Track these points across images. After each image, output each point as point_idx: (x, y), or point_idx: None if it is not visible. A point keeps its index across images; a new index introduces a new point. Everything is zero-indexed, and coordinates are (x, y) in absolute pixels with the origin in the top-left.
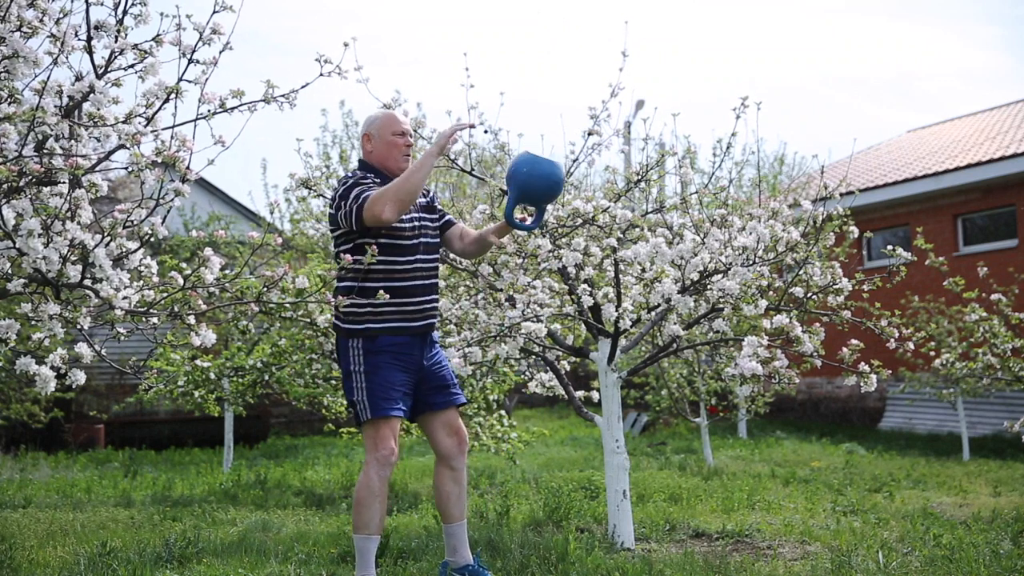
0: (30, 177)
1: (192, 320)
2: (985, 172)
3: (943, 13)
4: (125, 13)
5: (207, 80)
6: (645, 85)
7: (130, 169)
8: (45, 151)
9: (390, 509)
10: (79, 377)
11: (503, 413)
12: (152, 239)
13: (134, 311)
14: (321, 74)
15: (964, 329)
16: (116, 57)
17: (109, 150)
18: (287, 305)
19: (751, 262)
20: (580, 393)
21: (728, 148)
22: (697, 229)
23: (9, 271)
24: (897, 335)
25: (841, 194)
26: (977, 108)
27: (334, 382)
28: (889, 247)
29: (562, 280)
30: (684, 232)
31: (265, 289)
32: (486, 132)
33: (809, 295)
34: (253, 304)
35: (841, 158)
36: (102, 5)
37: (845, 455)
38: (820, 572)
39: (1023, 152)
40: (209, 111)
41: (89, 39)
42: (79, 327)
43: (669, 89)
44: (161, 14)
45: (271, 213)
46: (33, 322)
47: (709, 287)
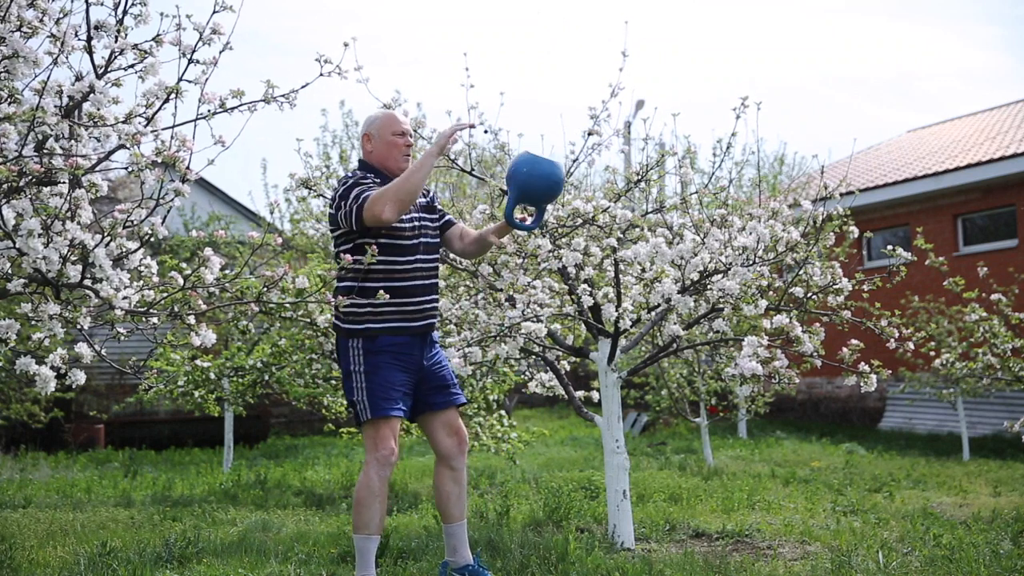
0: (30, 177)
1: (192, 320)
2: (985, 172)
3: (943, 13)
4: (125, 13)
5: (207, 80)
6: (645, 85)
7: (130, 169)
8: (45, 151)
9: (390, 509)
10: (79, 377)
11: (503, 413)
12: (152, 239)
13: (134, 311)
14: (321, 74)
15: (964, 329)
16: (116, 57)
17: (109, 150)
18: (287, 305)
19: (751, 262)
20: (580, 393)
21: (728, 148)
22: (697, 229)
23: (9, 271)
24: (897, 335)
25: (841, 194)
26: (977, 108)
27: (334, 382)
28: (889, 247)
29: (562, 280)
30: (684, 232)
31: (265, 289)
32: (486, 132)
33: (809, 295)
34: (253, 304)
35: (841, 158)
36: (102, 5)
37: (845, 455)
38: (820, 572)
39: (1023, 152)
40: (209, 111)
41: (89, 39)
42: (79, 327)
43: (669, 89)
44: (161, 14)
45: (271, 213)
46: (33, 322)
47: (709, 287)
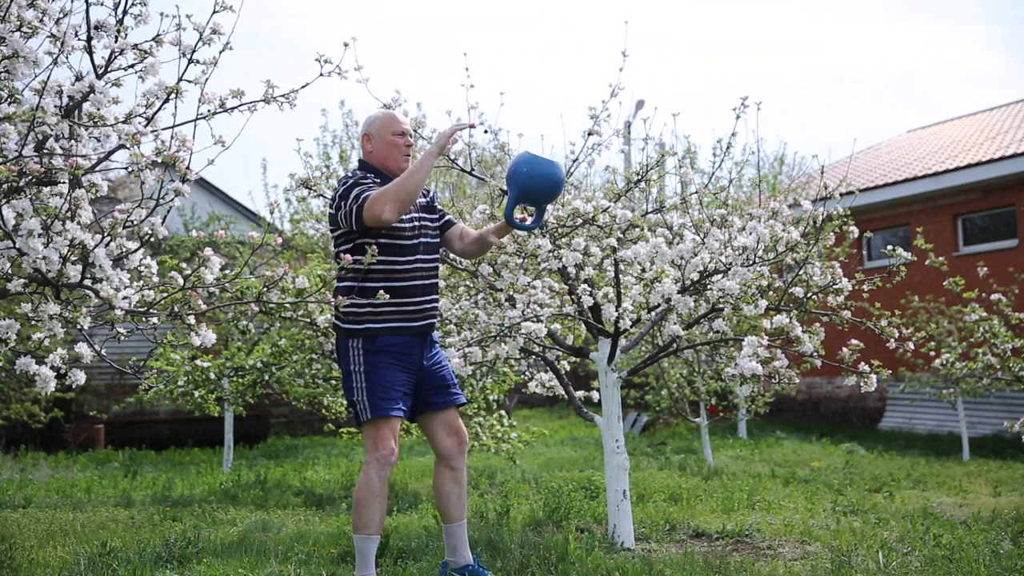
0: (30, 177)
1: (192, 320)
2: (985, 172)
3: (943, 13)
4: (125, 13)
5: (207, 80)
6: (645, 85)
7: (130, 169)
8: (45, 151)
9: (390, 509)
10: (79, 377)
11: (503, 413)
12: (152, 239)
13: (134, 311)
14: (321, 74)
15: (964, 329)
16: (116, 57)
17: (109, 150)
18: (287, 305)
19: (751, 262)
20: (580, 393)
21: (728, 148)
22: (697, 229)
23: (9, 271)
24: (897, 335)
25: (841, 194)
26: (977, 108)
27: (334, 382)
28: (889, 247)
29: (562, 280)
30: (684, 232)
31: (265, 289)
32: (486, 132)
33: (809, 295)
34: (253, 304)
35: (841, 158)
36: (102, 5)
37: (845, 455)
38: (820, 572)
39: (1023, 152)
40: (209, 111)
41: (89, 39)
42: (79, 327)
43: (669, 89)
44: (161, 14)
45: (271, 213)
46: (33, 322)
47: (709, 287)
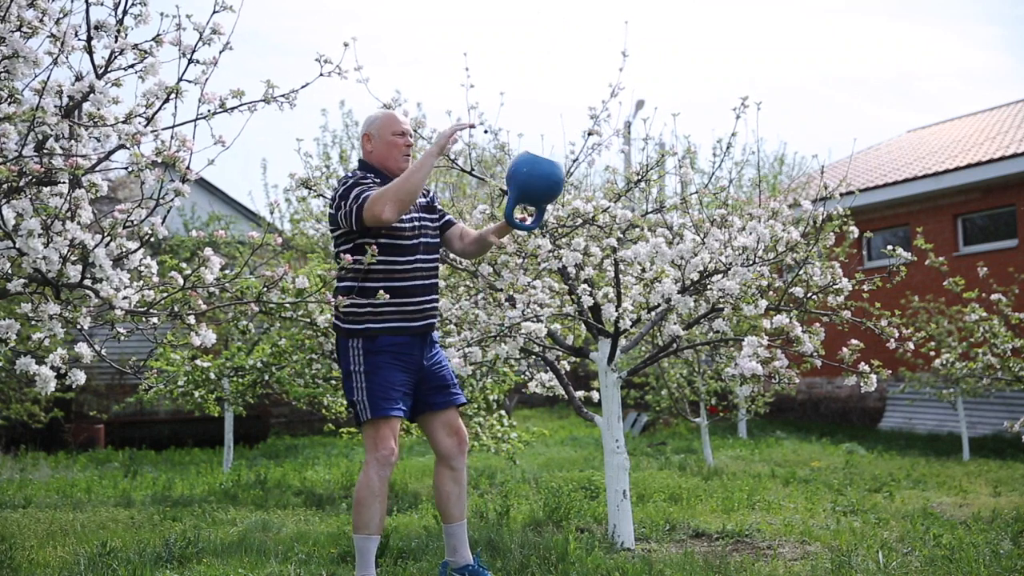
0: (30, 177)
1: (192, 320)
2: (985, 172)
3: (943, 13)
4: (125, 13)
5: (207, 80)
6: (645, 85)
7: (130, 169)
8: (45, 151)
9: (390, 509)
10: (79, 377)
11: (503, 413)
12: (152, 239)
13: (134, 311)
14: (321, 74)
15: (964, 329)
16: (116, 57)
17: (109, 150)
18: (287, 305)
19: (751, 262)
20: (580, 393)
21: (728, 148)
22: (697, 229)
23: (9, 271)
24: (897, 335)
25: (841, 194)
26: (977, 108)
27: (334, 382)
28: (889, 247)
29: (562, 280)
30: (684, 232)
31: (265, 289)
32: (486, 132)
33: (809, 295)
34: (253, 304)
35: (841, 158)
36: (102, 5)
37: (845, 455)
38: (820, 572)
39: (1023, 152)
40: (209, 111)
41: (89, 39)
42: (79, 327)
43: (669, 89)
44: (161, 14)
45: (271, 213)
46: (33, 322)
47: (709, 287)
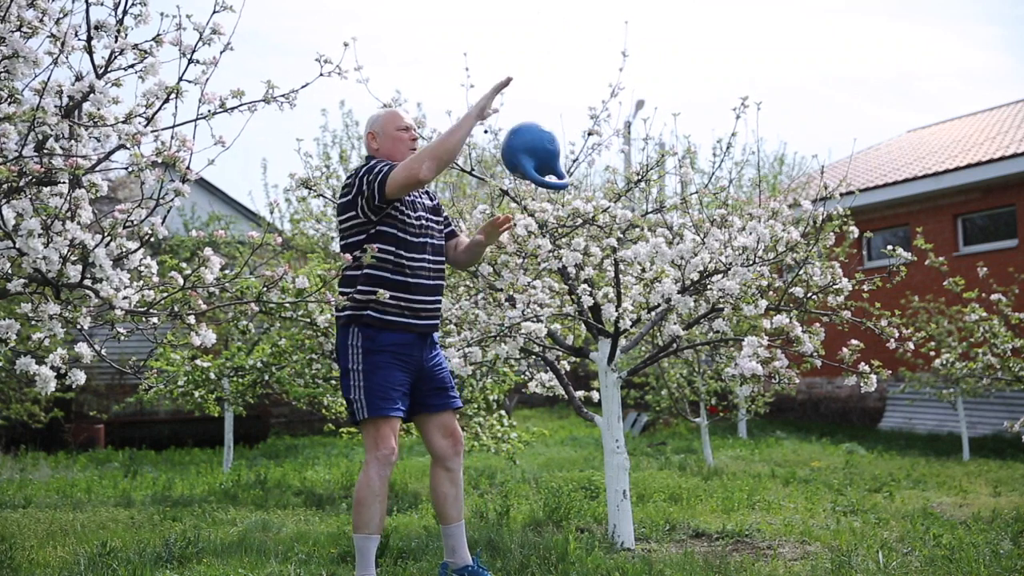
0: (30, 177)
1: (192, 320)
2: (985, 172)
3: (943, 13)
4: (125, 13)
5: (207, 80)
6: (645, 85)
7: (130, 169)
8: (45, 151)
9: (390, 509)
10: (79, 377)
11: (503, 413)
12: (152, 239)
13: (134, 311)
14: (321, 74)
15: (964, 329)
16: (116, 57)
17: (109, 150)
18: (287, 305)
19: (751, 262)
20: (580, 393)
21: (728, 148)
22: (697, 229)
23: (9, 271)
24: (897, 335)
25: (841, 194)
26: (977, 108)
27: (334, 382)
28: (889, 247)
29: (562, 280)
30: (684, 232)
31: (265, 289)
32: (486, 132)
33: (809, 295)
34: (253, 304)
35: (841, 158)
36: (102, 5)
37: (845, 455)
38: (820, 572)
39: (1023, 152)
40: (209, 111)
41: (89, 39)
42: (79, 327)
43: (669, 89)
44: (161, 14)
45: (271, 213)
46: (33, 322)
47: (709, 287)
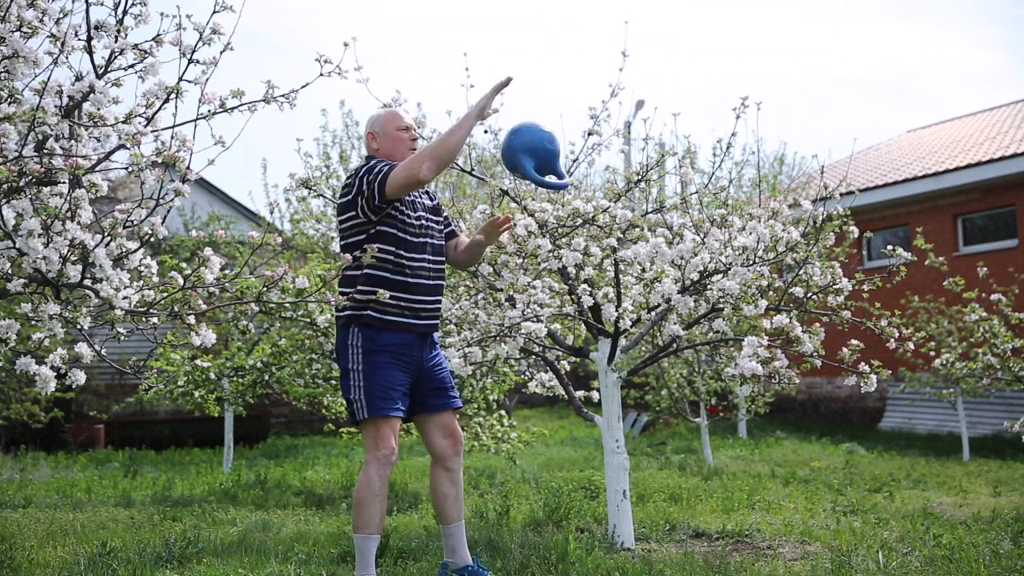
0: (30, 177)
1: (192, 320)
2: (985, 172)
3: (943, 13)
4: (125, 13)
5: (207, 80)
6: (645, 85)
7: (130, 169)
8: (45, 151)
9: (390, 509)
10: (79, 377)
11: (503, 413)
12: (152, 239)
13: (134, 311)
14: (321, 74)
15: (964, 329)
16: (116, 57)
17: (109, 150)
18: (287, 305)
19: (751, 262)
20: (580, 393)
21: (728, 148)
22: (697, 229)
23: (9, 271)
24: (897, 335)
25: (841, 194)
26: (977, 108)
27: (334, 382)
28: (889, 247)
29: (562, 280)
30: (684, 232)
31: (265, 289)
32: (486, 132)
33: (809, 295)
34: (253, 304)
35: (841, 158)
36: (102, 5)
37: (845, 455)
38: (820, 572)
39: (1023, 152)
40: (209, 111)
41: (89, 39)
42: (79, 327)
43: (669, 89)
44: (161, 14)
45: (271, 213)
46: (33, 322)
47: (709, 287)
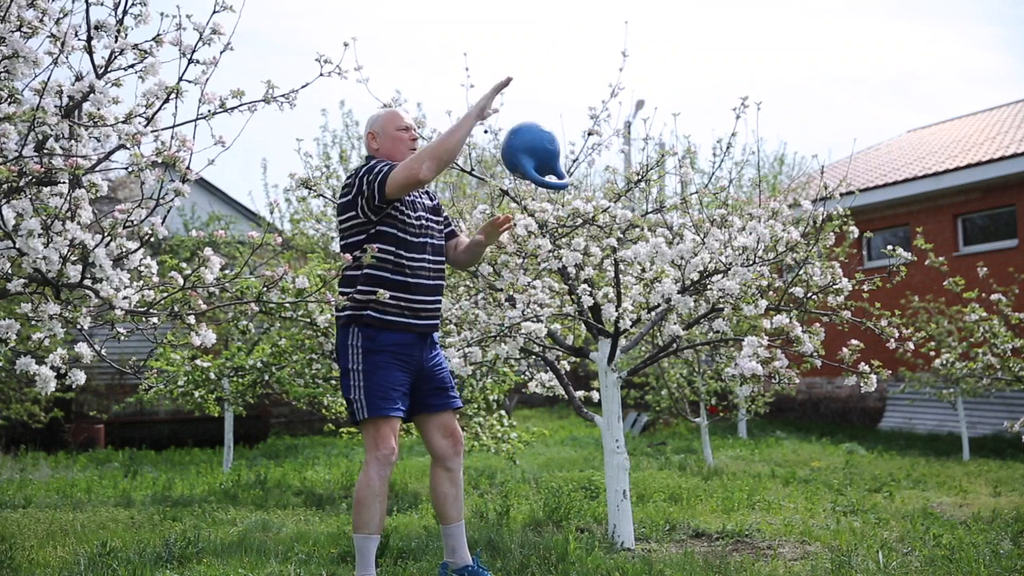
0: (30, 177)
1: (192, 320)
2: (985, 172)
3: (943, 13)
4: (125, 13)
5: (207, 80)
6: (645, 85)
7: (130, 169)
8: (45, 151)
9: (390, 509)
10: (79, 377)
11: (503, 413)
12: (152, 239)
13: (134, 311)
14: (321, 74)
15: (964, 329)
16: (116, 57)
17: (109, 150)
18: (287, 305)
19: (751, 262)
20: (580, 393)
21: (728, 148)
22: (697, 229)
23: (9, 271)
24: (897, 335)
25: (841, 194)
26: (977, 108)
27: (334, 382)
28: (889, 247)
29: (562, 280)
30: (684, 232)
31: (265, 289)
32: (486, 132)
33: (809, 295)
34: (253, 304)
35: (841, 158)
36: (102, 5)
37: (845, 455)
38: (820, 572)
39: (1023, 152)
40: (209, 111)
41: (89, 39)
42: (79, 327)
43: (669, 89)
44: (161, 14)
45: (271, 213)
46: (33, 322)
47: (709, 287)
